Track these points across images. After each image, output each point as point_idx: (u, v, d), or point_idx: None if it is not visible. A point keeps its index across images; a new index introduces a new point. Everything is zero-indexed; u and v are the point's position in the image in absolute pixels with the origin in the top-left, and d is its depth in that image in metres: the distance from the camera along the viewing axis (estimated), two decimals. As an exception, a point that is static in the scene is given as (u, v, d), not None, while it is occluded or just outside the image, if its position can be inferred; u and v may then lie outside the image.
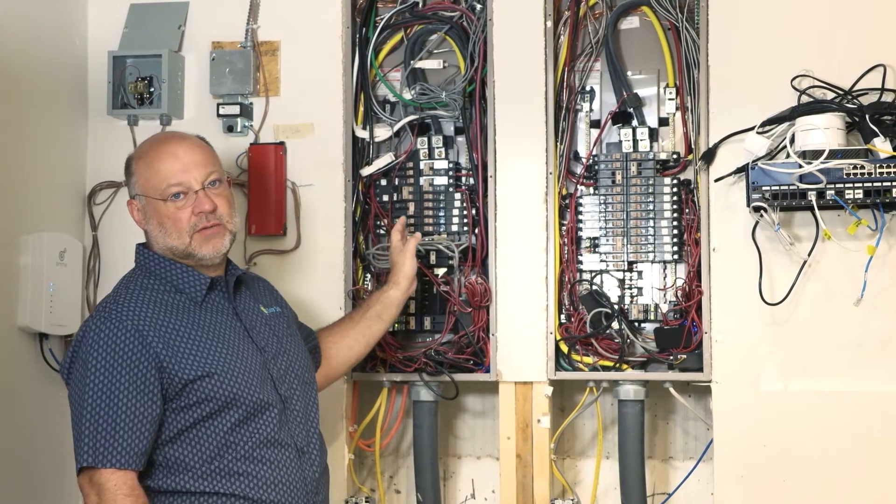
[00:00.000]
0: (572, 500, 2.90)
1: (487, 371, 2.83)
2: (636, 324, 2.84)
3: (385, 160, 2.95)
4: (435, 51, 2.98)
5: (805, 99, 2.62)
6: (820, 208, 2.54)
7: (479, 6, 2.90)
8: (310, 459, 2.30)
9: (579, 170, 2.88)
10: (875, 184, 2.51)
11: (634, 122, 2.86)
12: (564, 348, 2.81)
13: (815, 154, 2.52)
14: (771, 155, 2.62)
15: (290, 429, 2.28)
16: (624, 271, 2.85)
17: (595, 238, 2.85)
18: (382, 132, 2.97)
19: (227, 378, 2.20)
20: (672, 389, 2.76)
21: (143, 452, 2.13)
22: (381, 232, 2.96)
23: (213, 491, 2.18)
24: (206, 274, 2.31)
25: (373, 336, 2.67)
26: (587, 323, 2.80)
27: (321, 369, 2.60)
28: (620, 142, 2.84)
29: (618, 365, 2.77)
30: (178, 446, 2.18)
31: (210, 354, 2.21)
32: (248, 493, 2.19)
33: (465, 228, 2.90)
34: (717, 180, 2.69)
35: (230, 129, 2.96)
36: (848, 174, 2.52)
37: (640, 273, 2.85)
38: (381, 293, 2.68)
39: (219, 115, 2.97)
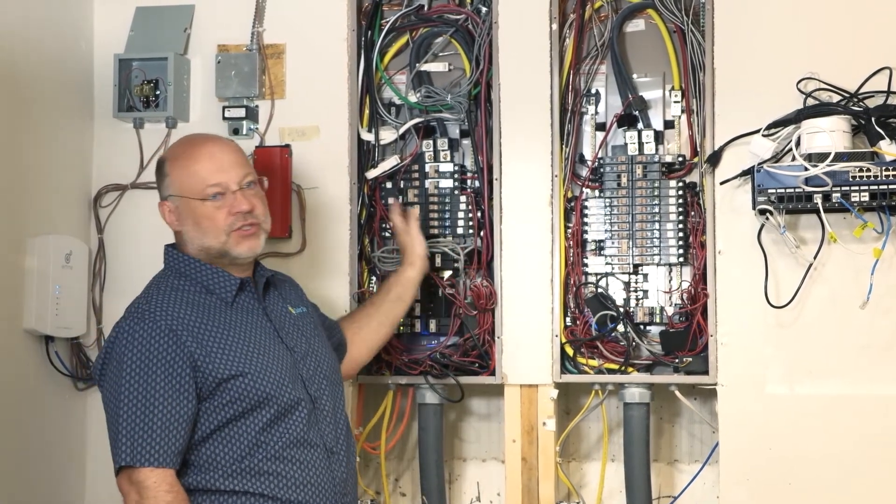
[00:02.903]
0: (577, 503, 2.89)
1: (493, 374, 2.83)
2: (641, 326, 2.84)
3: (390, 163, 2.95)
4: (440, 54, 2.97)
5: (811, 101, 2.62)
6: (826, 211, 2.54)
7: (484, 9, 2.91)
8: (338, 459, 2.31)
9: (584, 172, 2.88)
10: (881, 186, 2.50)
11: (640, 125, 2.86)
12: (570, 351, 2.81)
13: (821, 157, 2.51)
14: (776, 158, 2.62)
15: (319, 429, 2.28)
16: (629, 274, 2.85)
17: (600, 241, 2.85)
18: (388, 135, 2.97)
19: (260, 377, 2.21)
20: (677, 392, 2.76)
21: (180, 451, 2.14)
22: (387, 235, 2.96)
23: (242, 490, 2.18)
24: (235, 275, 2.32)
25: (396, 318, 2.72)
26: (592, 326, 2.80)
27: (346, 357, 2.62)
28: (626, 144, 2.84)
29: (623, 368, 2.77)
30: (210, 445, 2.19)
31: (242, 354, 2.22)
32: (276, 493, 2.20)
33: (471, 231, 2.90)
34: (722, 183, 2.69)
35: (236, 131, 2.97)
36: (854, 177, 2.51)
37: (645, 276, 2.85)
38: (398, 275, 2.72)
39: (224, 118, 2.97)
